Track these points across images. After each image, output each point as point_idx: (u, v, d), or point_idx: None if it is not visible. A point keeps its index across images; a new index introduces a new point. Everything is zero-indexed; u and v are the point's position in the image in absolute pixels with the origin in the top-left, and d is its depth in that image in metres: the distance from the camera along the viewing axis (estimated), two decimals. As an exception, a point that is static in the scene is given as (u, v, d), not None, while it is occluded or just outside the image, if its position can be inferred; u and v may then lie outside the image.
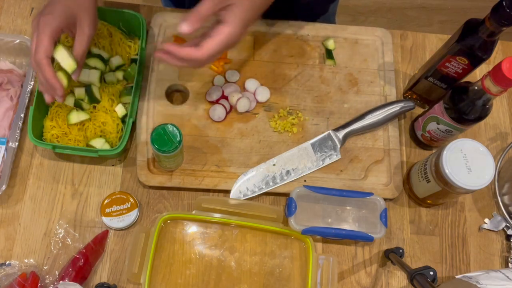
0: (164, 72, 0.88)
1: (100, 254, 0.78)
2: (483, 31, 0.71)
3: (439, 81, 0.84)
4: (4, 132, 0.82)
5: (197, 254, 0.79)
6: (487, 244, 0.85)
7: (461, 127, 0.78)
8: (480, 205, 0.88)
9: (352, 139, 0.88)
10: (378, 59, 0.94)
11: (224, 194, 0.83)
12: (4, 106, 0.83)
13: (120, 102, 0.83)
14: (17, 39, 0.85)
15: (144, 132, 0.84)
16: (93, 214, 0.81)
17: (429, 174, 0.78)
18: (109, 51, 0.87)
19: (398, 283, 0.81)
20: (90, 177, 0.83)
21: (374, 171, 0.86)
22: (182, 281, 0.77)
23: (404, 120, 0.92)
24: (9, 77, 0.85)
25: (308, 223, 0.79)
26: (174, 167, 0.82)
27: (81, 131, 0.81)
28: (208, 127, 0.86)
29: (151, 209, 0.82)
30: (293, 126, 0.88)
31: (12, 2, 0.93)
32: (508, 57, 0.66)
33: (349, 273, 0.81)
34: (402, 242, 0.84)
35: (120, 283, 0.77)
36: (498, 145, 0.93)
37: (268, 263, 0.80)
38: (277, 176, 0.83)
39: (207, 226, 0.81)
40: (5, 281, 0.73)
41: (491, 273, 0.72)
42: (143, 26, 0.86)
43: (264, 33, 0.94)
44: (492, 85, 0.69)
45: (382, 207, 0.80)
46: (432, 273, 0.67)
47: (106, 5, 0.94)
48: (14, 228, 0.79)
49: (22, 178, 0.82)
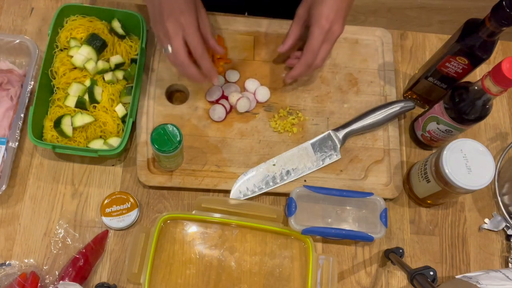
0: (164, 72, 0.88)
1: (100, 254, 0.78)
2: (483, 31, 0.71)
3: (439, 81, 0.84)
4: (4, 132, 0.82)
5: (197, 254, 0.79)
6: (487, 244, 0.85)
7: (461, 127, 0.78)
8: (480, 205, 0.88)
9: (352, 139, 0.88)
10: (378, 59, 0.94)
11: (224, 194, 0.83)
12: (4, 106, 0.83)
13: (120, 102, 0.84)
14: (17, 39, 0.85)
15: (144, 132, 0.84)
16: (93, 214, 0.81)
17: (429, 174, 0.78)
18: (110, 50, 0.87)
19: (398, 283, 0.81)
20: (90, 177, 0.83)
21: (374, 171, 0.86)
22: (182, 281, 0.77)
23: (404, 120, 0.92)
24: (9, 77, 0.85)
25: (308, 223, 0.79)
26: (174, 167, 0.82)
27: (82, 132, 0.81)
28: (208, 127, 0.86)
29: (151, 209, 0.82)
30: (293, 126, 0.88)
31: (12, 2, 0.93)
32: (508, 57, 0.66)
33: (349, 273, 0.81)
34: (402, 242, 0.84)
35: (120, 283, 0.77)
36: (498, 145, 0.93)
37: (268, 263, 0.80)
38: (277, 176, 0.83)
39: (207, 226, 0.81)
40: (5, 281, 0.73)
41: (491, 273, 0.72)
42: (143, 26, 0.86)
43: (264, 33, 0.94)
44: (492, 85, 0.69)
45: (382, 207, 0.80)
46: (432, 273, 0.67)
47: (107, 4, 0.94)
48: (14, 228, 0.79)
49: (22, 178, 0.82)
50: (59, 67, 0.83)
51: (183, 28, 0.74)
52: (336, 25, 0.77)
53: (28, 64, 0.86)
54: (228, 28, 0.93)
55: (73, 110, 0.82)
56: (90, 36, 0.85)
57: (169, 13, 0.73)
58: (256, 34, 0.94)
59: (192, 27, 0.74)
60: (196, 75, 0.78)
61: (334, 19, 0.76)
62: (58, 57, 0.84)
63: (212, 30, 0.90)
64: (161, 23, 0.74)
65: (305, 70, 0.81)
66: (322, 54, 0.79)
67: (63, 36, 0.85)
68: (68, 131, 0.79)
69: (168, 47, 0.75)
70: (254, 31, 0.94)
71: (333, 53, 0.93)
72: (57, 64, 0.84)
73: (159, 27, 0.75)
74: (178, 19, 0.73)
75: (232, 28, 0.93)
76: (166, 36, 0.75)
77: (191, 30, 0.74)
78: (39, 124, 0.81)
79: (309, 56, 0.78)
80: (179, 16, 0.73)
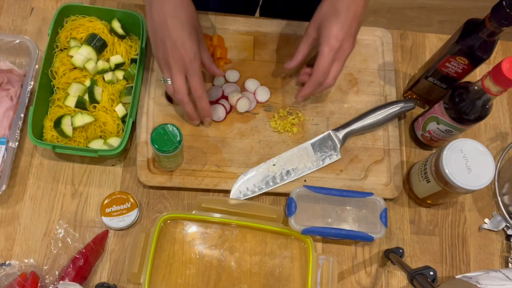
0: (164, 72, 0.88)
1: (100, 254, 0.78)
2: (483, 31, 0.71)
3: (439, 81, 0.84)
4: (4, 132, 0.82)
5: (197, 254, 0.79)
6: (487, 244, 0.85)
7: (461, 127, 0.78)
8: (480, 205, 0.88)
9: (352, 139, 0.88)
10: (378, 59, 0.94)
11: (224, 194, 0.83)
12: (4, 106, 0.83)
13: (120, 102, 0.84)
14: (17, 39, 0.85)
15: (144, 132, 0.84)
16: (93, 214, 0.81)
17: (429, 174, 0.78)
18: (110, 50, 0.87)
19: (398, 283, 0.81)
20: (90, 177, 0.83)
21: (374, 171, 0.86)
22: (182, 281, 0.77)
23: (404, 120, 0.92)
24: (9, 77, 0.85)
25: (308, 223, 0.79)
26: (174, 167, 0.82)
27: (82, 132, 0.81)
28: (208, 127, 0.86)
29: (151, 209, 0.82)
30: (293, 126, 0.88)
31: (12, 2, 0.93)
32: (508, 57, 0.66)
33: (349, 273, 0.81)
34: (402, 242, 0.84)
35: (120, 283, 0.77)
36: (498, 145, 0.93)
37: (268, 263, 0.80)
38: (277, 176, 0.83)
39: (207, 226, 0.81)
40: (5, 281, 0.73)
41: (491, 273, 0.72)
42: (143, 26, 0.86)
43: (264, 33, 0.94)
44: (492, 85, 0.69)
45: (382, 207, 0.80)
46: (432, 273, 0.67)
47: (107, 5, 0.94)
48: (14, 228, 0.79)
49: (22, 178, 0.82)
50: (59, 67, 0.83)
51: (186, 67, 0.74)
52: (347, 43, 0.75)
53: (28, 64, 0.86)
54: (228, 28, 0.93)
55: (73, 110, 0.82)
56: (90, 36, 0.85)
57: (173, 45, 0.72)
58: (256, 34, 0.94)
59: (195, 66, 0.74)
60: (192, 114, 0.81)
61: (344, 38, 0.74)
62: (58, 57, 0.84)
63: (212, 32, 0.90)
64: (163, 54, 0.74)
65: (315, 88, 0.80)
66: (334, 73, 0.77)
67: (63, 36, 0.85)
68: (68, 131, 0.79)
69: (168, 80, 0.76)
70: (254, 31, 0.94)
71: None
72: (57, 64, 0.84)
73: (161, 56, 0.75)
74: (182, 58, 0.73)
75: (232, 28, 0.93)
76: (167, 70, 0.75)
77: (194, 70, 0.74)
78: (39, 124, 0.81)
79: (319, 75, 0.77)
80: (183, 54, 0.72)
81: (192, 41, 0.73)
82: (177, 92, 0.76)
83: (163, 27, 0.72)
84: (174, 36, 0.72)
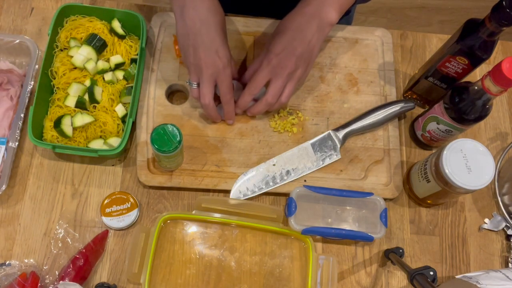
0: (164, 72, 0.88)
1: (100, 254, 0.78)
2: (483, 31, 0.71)
3: (439, 81, 0.84)
4: (4, 132, 0.82)
5: (197, 254, 0.79)
6: (487, 244, 0.85)
7: (461, 127, 0.78)
8: (480, 205, 0.88)
9: (352, 139, 0.88)
10: (378, 59, 0.94)
11: (224, 194, 0.83)
12: (4, 106, 0.83)
13: (120, 102, 0.84)
14: (17, 39, 0.85)
15: (144, 132, 0.84)
16: (93, 214, 0.81)
17: (429, 174, 0.78)
18: (110, 50, 0.87)
19: (398, 283, 0.81)
20: (90, 177, 0.83)
21: (374, 171, 0.86)
22: (182, 281, 0.77)
23: (404, 120, 0.92)
24: (9, 77, 0.85)
25: (308, 223, 0.79)
26: (174, 167, 0.82)
27: (82, 132, 0.81)
28: (208, 127, 0.86)
29: (151, 209, 0.82)
30: (293, 126, 0.88)
31: (12, 2, 0.93)
32: (508, 57, 0.66)
33: (349, 273, 0.81)
34: (402, 242, 0.84)
35: (120, 283, 0.77)
36: (498, 145, 0.93)
37: (268, 263, 0.80)
38: (277, 176, 0.83)
39: (207, 226, 0.81)
40: (5, 281, 0.73)
41: (491, 273, 0.72)
42: (143, 26, 0.86)
43: (264, 33, 0.94)
44: (492, 85, 0.69)
45: (382, 207, 0.80)
46: (432, 273, 0.67)
47: (107, 4, 0.94)
48: (14, 228, 0.79)
49: (22, 178, 0.82)
50: (59, 67, 0.83)
51: (218, 73, 0.74)
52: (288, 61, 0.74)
53: (28, 64, 0.86)
54: (228, 28, 0.93)
55: (73, 110, 0.82)
56: (90, 36, 0.85)
57: (206, 51, 0.72)
58: (256, 34, 0.94)
59: (227, 72, 0.75)
60: (215, 118, 0.83)
61: (285, 56, 0.74)
62: (58, 57, 0.84)
63: None
64: (195, 59, 0.74)
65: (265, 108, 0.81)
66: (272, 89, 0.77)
67: (63, 36, 0.85)
68: (68, 131, 0.79)
69: (194, 84, 0.77)
70: (254, 31, 0.94)
71: (333, 53, 0.93)
72: (57, 64, 0.84)
73: (192, 61, 0.75)
74: (215, 64, 0.73)
75: (232, 28, 0.93)
76: (196, 74, 0.75)
77: (226, 76, 0.75)
78: (39, 124, 0.81)
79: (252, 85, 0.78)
80: (216, 60, 0.73)
81: (225, 47, 0.74)
82: (204, 97, 0.77)
83: (196, 32, 0.72)
84: (207, 42, 0.72)
